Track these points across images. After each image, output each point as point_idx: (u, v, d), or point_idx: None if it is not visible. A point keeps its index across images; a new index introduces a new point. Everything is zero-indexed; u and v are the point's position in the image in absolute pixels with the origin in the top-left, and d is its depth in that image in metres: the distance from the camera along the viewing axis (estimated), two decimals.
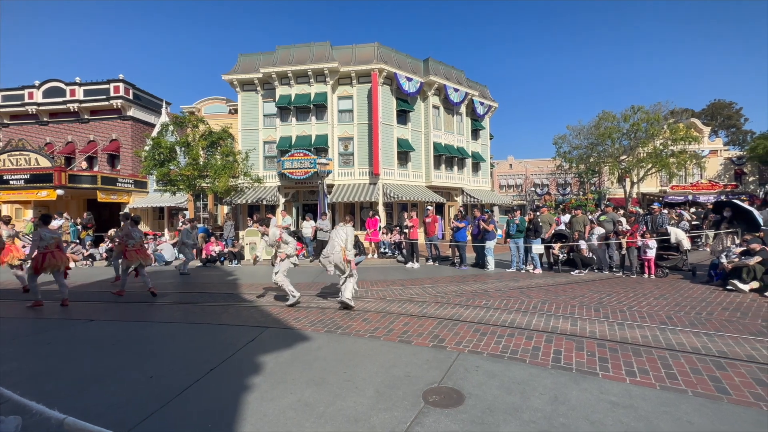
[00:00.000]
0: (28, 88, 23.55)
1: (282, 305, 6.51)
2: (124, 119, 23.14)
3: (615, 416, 2.76)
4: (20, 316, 6.16)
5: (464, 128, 23.82)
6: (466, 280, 8.90)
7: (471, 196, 23.14)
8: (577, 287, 7.68)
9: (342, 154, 20.27)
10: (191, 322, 5.64)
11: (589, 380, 3.36)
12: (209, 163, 17.03)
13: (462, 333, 4.73)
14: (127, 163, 23.01)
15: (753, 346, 4.13)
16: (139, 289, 8.27)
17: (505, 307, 6.03)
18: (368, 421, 2.75)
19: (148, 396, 3.20)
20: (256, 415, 2.86)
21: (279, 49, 20.52)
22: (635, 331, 4.72)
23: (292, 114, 19.99)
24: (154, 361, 4.07)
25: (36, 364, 4.05)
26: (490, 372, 3.55)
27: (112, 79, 22.91)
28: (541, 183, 40.92)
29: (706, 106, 47.21)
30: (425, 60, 21.75)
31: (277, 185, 19.92)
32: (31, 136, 23.19)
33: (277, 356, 4.07)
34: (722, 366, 3.60)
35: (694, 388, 3.17)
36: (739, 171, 32.48)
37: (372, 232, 14.34)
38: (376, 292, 7.57)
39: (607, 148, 27.03)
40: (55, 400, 2.23)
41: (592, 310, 5.75)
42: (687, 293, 6.89)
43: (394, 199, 18.76)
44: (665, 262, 8.84)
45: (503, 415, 2.80)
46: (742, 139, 44.03)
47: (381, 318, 5.52)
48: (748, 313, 5.51)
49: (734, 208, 9.11)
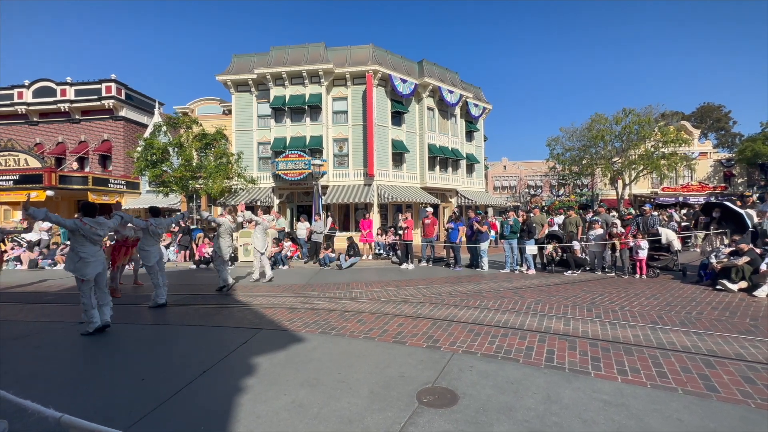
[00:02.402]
0: (17, 87, 23.22)
1: (276, 306, 6.47)
2: (116, 119, 22.90)
3: (607, 414, 2.79)
4: (9, 319, 6.05)
5: (458, 130, 23.93)
6: (461, 280, 8.93)
7: (465, 197, 23.24)
8: (570, 287, 7.75)
9: (337, 156, 20.25)
10: (184, 324, 5.59)
11: (581, 379, 3.39)
12: (202, 165, 16.90)
13: (456, 333, 4.75)
14: (119, 164, 22.76)
15: (741, 344, 4.20)
16: (132, 291, 8.19)
17: (499, 308, 6.06)
18: (362, 421, 2.75)
19: (139, 398, 3.17)
20: (249, 417, 2.85)
21: (273, 50, 20.47)
22: (627, 330, 4.78)
23: (287, 115, 19.94)
24: (145, 363, 4.03)
25: (25, 367, 3.98)
26: (483, 372, 3.57)
27: (103, 79, 22.67)
28: (534, 184, 41.23)
29: (696, 109, 47.92)
30: (420, 62, 21.83)
31: (271, 186, 19.84)
32: (21, 136, 22.86)
33: (271, 357, 4.05)
34: (711, 364, 3.66)
35: (684, 386, 3.22)
36: (728, 173, 33.02)
37: (366, 234, 14.34)
38: (371, 293, 7.56)
39: (599, 150, 27.33)
40: (46, 403, 2.19)
41: (584, 310, 5.80)
42: (677, 293, 6.98)
43: (388, 200, 18.77)
44: (656, 262, 8.96)
45: (497, 414, 2.82)
46: (731, 142, 44.73)
47: (376, 319, 5.52)
48: (736, 312, 5.60)
49: (723, 209, 9.26)
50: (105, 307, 5.16)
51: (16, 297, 8.06)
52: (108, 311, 5.19)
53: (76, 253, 4.88)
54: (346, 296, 7.34)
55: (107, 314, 5.16)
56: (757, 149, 29.31)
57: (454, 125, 23.41)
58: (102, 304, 5.13)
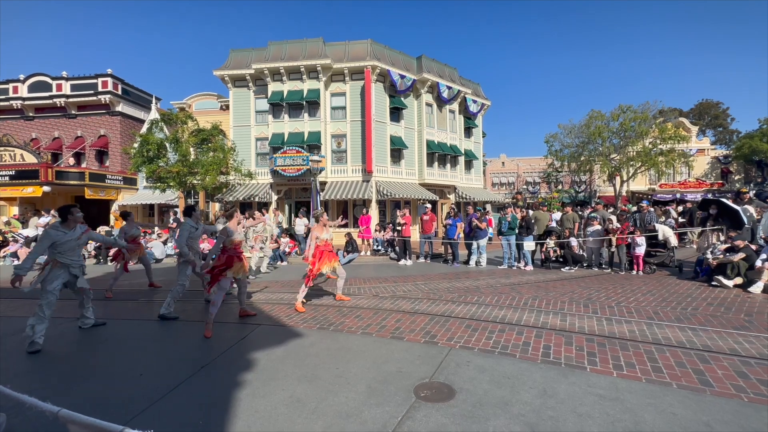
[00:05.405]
0: (12, 82, 22.99)
1: (274, 302, 6.49)
2: (113, 115, 22.74)
3: (602, 409, 2.82)
4: (7, 315, 6.04)
5: (457, 126, 23.89)
6: (458, 276, 8.96)
7: (464, 193, 23.25)
8: (567, 284, 7.78)
9: (335, 152, 20.20)
10: (182, 320, 5.59)
11: (577, 374, 3.42)
12: (199, 160, 16.83)
13: (454, 329, 4.77)
14: (116, 160, 22.63)
15: (736, 339, 4.24)
16: (127, 287, 8.18)
17: (497, 304, 6.09)
18: (360, 416, 2.77)
19: (137, 393, 3.18)
20: (247, 412, 2.86)
21: (271, 45, 20.33)
22: (623, 326, 4.81)
23: (285, 110, 19.84)
24: (143, 359, 4.04)
25: (21, 363, 3.99)
26: (480, 367, 3.59)
27: (100, 74, 22.48)
28: (533, 181, 41.26)
29: (694, 106, 48.03)
30: (418, 57, 21.74)
31: (269, 182, 19.78)
32: (17, 131, 22.68)
33: (269, 353, 4.06)
34: (706, 359, 3.69)
35: (678, 381, 3.25)
36: (726, 170, 33.14)
37: (365, 230, 14.34)
38: (369, 289, 7.58)
39: (597, 146, 27.36)
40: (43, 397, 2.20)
41: (581, 306, 5.84)
42: (673, 289, 7.02)
43: (387, 196, 18.76)
44: (653, 258, 9.00)
45: (493, 408, 2.84)
46: (728, 139, 44.86)
47: (373, 315, 5.54)
48: (731, 308, 5.64)
49: (720, 206, 9.30)
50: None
51: (14, 293, 8.02)
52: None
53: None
54: (344, 292, 7.35)
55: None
56: (755, 146, 29.40)
57: (452, 121, 23.37)
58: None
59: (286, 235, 13.91)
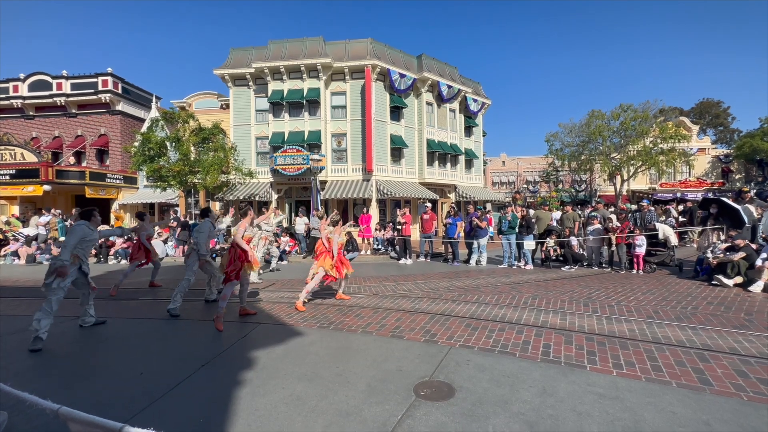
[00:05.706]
0: (12, 81, 22.98)
1: (274, 301, 6.50)
2: (113, 114, 22.73)
3: (601, 407, 2.82)
4: (8, 314, 6.06)
5: (457, 125, 23.86)
6: (459, 275, 8.97)
7: (464, 193, 23.23)
8: (567, 283, 7.79)
9: (335, 151, 20.18)
10: (183, 318, 5.60)
11: (577, 373, 3.43)
12: (200, 160, 16.83)
13: (453, 328, 4.77)
14: (116, 159, 22.64)
15: (735, 339, 4.24)
16: (128, 286, 8.19)
17: (497, 303, 6.10)
18: (360, 414, 2.78)
19: (138, 391, 3.19)
20: (247, 410, 2.87)
21: (271, 44, 20.30)
22: (623, 325, 4.82)
23: (285, 109, 19.82)
24: (144, 357, 4.05)
25: (22, 361, 4.00)
26: (480, 366, 3.60)
27: (100, 73, 22.46)
28: (533, 180, 41.23)
29: (695, 105, 47.93)
30: (419, 56, 21.70)
31: (269, 181, 19.78)
32: (17, 130, 22.69)
33: (270, 352, 4.07)
34: (705, 358, 3.70)
35: (678, 380, 3.25)
36: (726, 169, 33.08)
37: (365, 229, 14.35)
38: (369, 288, 7.59)
39: (597, 145, 27.33)
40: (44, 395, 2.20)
41: (581, 305, 5.84)
42: (673, 288, 7.03)
43: (387, 195, 18.75)
44: (653, 257, 9.00)
45: (493, 407, 2.85)
46: (729, 138, 44.78)
47: (374, 313, 5.54)
48: (731, 307, 5.64)
49: (720, 205, 9.29)
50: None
51: (15, 291, 8.06)
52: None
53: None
54: (344, 291, 7.35)
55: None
56: (756, 145, 29.36)
57: (453, 120, 23.33)
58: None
59: (287, 234, 13.91)
